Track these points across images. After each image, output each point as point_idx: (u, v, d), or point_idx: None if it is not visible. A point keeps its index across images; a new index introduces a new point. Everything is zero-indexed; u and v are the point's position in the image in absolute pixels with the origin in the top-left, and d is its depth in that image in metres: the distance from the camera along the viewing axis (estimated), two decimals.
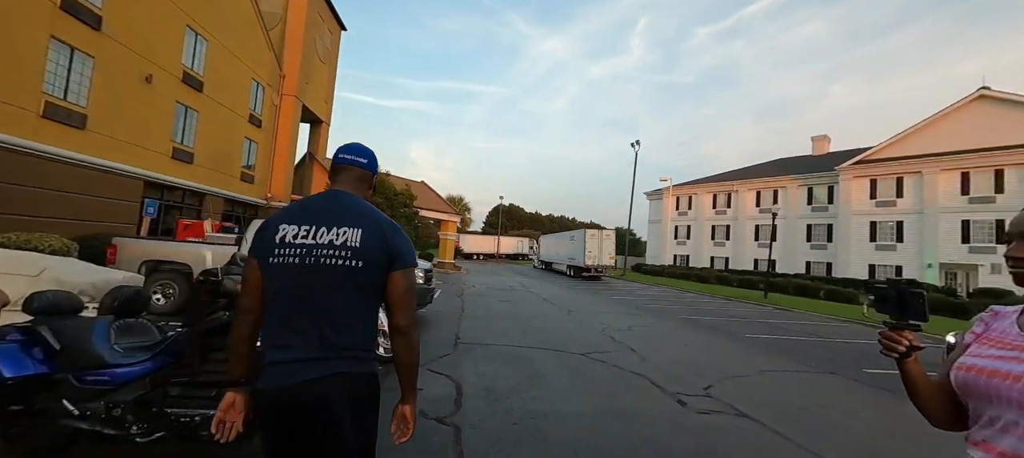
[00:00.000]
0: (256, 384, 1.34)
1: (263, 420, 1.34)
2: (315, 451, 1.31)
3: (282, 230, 1.36)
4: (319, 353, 1.31)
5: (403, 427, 1.41)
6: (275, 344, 1.33)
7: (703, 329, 10.13)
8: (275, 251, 1.34)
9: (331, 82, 29.00)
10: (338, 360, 1.32)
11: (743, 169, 45.49)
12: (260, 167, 20.91)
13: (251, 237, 6.98)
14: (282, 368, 1.30)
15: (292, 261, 1.33)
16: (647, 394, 4.85)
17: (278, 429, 1.33)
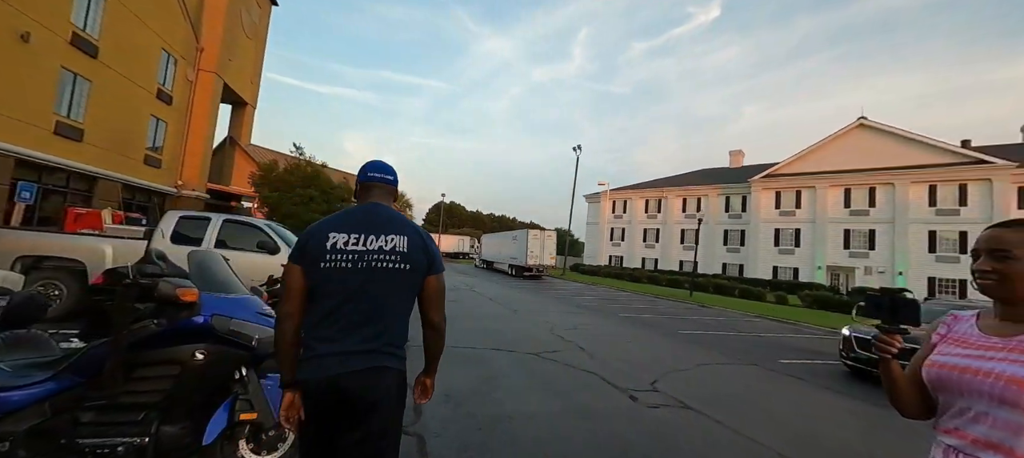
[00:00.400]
0: (302, 375, 1.46)
1: (308, 405, 1.48)
2: (353, 435, 1.46)
3: (332, 237, 1.52)
4: (369, 346, 1.48)
5: (425, 392, 1.73)
6: (326, 338, 1.47)
7: (641, 326, 10.74)
8: (326, 256, 1.50)
9: (258, 60, 26.39)
10: (383, 355, 1.50)
11: (672, 177, 49.27)
12: (170, 150, 18.37)
13: (168, 229, 6.06)
14: (334, 359, 1.45)
15: (345, 265, 1.49)
16: (601, 391, 5.00)
17: (324, 415, 1.47)
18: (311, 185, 19.20)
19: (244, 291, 2.56)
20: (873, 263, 31.18)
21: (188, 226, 6.68)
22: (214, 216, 6.85)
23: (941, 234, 29.26)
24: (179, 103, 18.60)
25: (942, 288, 28.63)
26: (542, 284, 23.22)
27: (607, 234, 49.41)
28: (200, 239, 6.57)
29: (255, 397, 2.36)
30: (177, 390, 2.14)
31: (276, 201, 18.61)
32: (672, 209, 43.89)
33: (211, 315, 2.20)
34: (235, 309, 2.33)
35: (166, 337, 2.12)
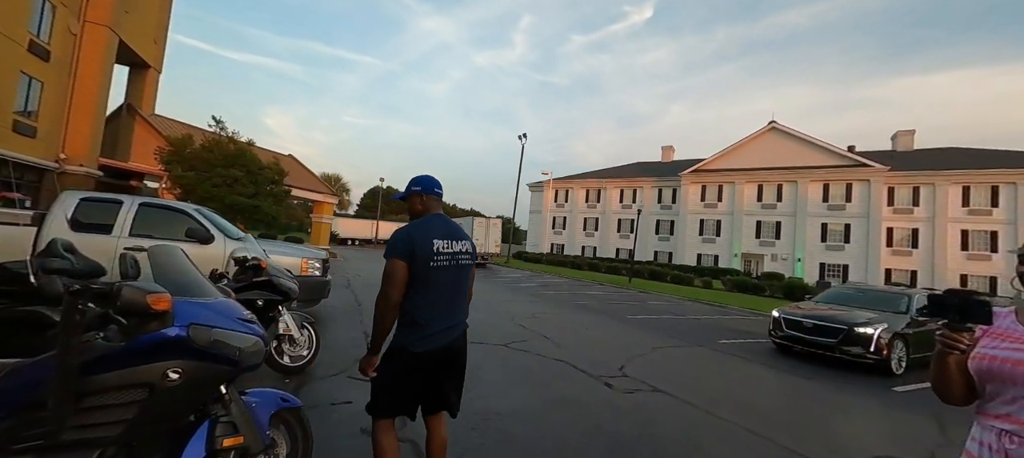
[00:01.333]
0: (424, 347, 2.11)
1: (419, 368, 2.15)
2: (454, 376, 2.38)
3: (435, 243, 2.12)
4: (460, 319, 2.31)
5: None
6: (439, 317, 2.15)
7: (593, 313, 11.15)
8: (434, 258, 2.10)
9: (162, 16, 22.78)
10: (464, 323, 2.38)
11: (610, 169, 51.68)
12: (48, 116, 15.22)
13: (68, 213, 5.03)
14: (447, 332, 2.20)
15: (446, 264, 2.15)
16: (576, 380, 5.07)
17: (436, 369, 2.21)
18: (235, 164, 17.06)
19: (217, 294, 2.14)
20: (778, 251, 35.56)
21: (92, 210, 5.57)
22: (128, 198, 5.78)
23: (830, 226, 34.10)
24: (60, 59, 15.40)
25: (829, 272, 33.50)
26: (489, 272, 23.20)
27: (549, 222, 50.70)
28: (109, 226, 5.52)
29: (239, 418, 1.99)
30: (142, 419, 1.71)
31: (192, 181, 16.30)
32: (610, 199, 46.12)
33: (188, 325, 1.79)
34: (215, 316, 1.92)
35: (127, 355, 1.69)
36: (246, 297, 4.06)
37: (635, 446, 3.39)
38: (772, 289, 21.80)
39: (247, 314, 2.17)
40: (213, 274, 4.39)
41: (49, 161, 15.30)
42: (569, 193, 49.57)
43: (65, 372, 1.49)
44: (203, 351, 1.83)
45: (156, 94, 22.84)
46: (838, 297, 8.70)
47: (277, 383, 4.09)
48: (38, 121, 14.80)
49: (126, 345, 1.69)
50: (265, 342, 2.18)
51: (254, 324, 2.15)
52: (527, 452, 3.13)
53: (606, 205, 46.31)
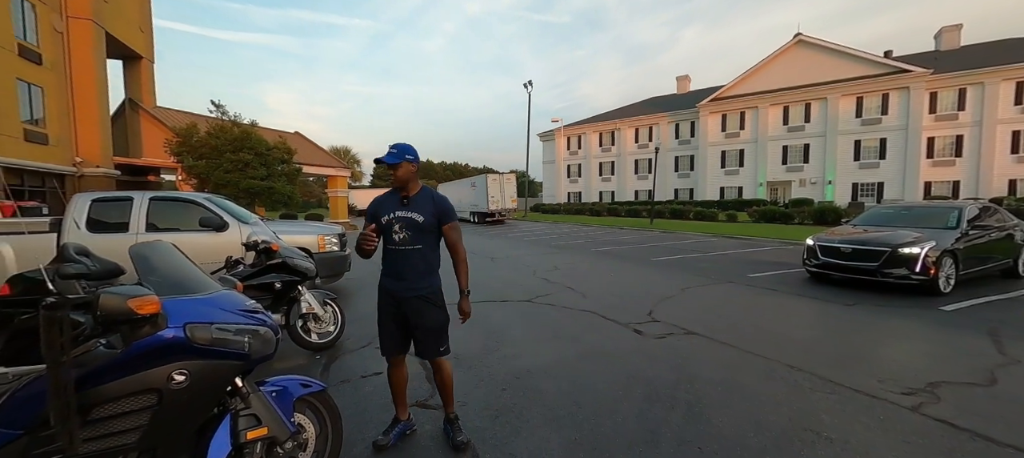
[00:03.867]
0: None
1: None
2: None
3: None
4: None
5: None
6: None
7: (616, 259, 10.96)
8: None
9: (144, 3, 22.08)
10: None
11: (624, 108, 49.52)
12: (55, 121, 15.34)
13: (82, 217, 5.00)
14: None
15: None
16: (605, 329, 4.96)
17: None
18: (242, 148, 17.02)
19: (216, 287, 2.00)
20: (807, 175, 34.01)
21: (106, 210, 5.58)
22: (137, 195, 5.75)
23: (864, 143, 32.14)
24: (53, 61, 15.26)
25: (863, 192, 32.00)
26: (507, 228, 23.15)
27: (564, 171, 49.76)
28: (125, 224, 5.53)
29: (260, 410, 1.92)
30: (159, 424, 1.65)
31: (205, 170, 16.44)
32: (625, 140, 44.59)
33: (184, 325, 1.66)
34: (213, 312, 1.80)
35: (128, 363, 1.58)
36: (263, 281, 4.02)
37: (673, 392, 3.27)
38: (801, 216, 21.00)
39: (250, 304, 2.04)
40: (229, 261, 4.36)
41: (66, 166, 15.60)
42: (582, 139, 48.12)
43: (58, 387, 1.39)
44: (206, 349, 1.72)
45: (154, 86, 22.66)
46: (878, 218, 8.19)
47: (308, 360, 4.12)
48: (47, 127, 14.95)
49: (122, 353, 1.58)
50: (276, 330, 2.07)
51: (260, 314, 2.02)
52: (561, 408, 3.06)
53: (621, 147, 44.87)
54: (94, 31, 17.05)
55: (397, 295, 2.50)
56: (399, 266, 2.47)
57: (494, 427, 2.81)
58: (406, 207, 2.46)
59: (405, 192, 2.49)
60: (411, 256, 2.46)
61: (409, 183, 2.48)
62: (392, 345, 2.58)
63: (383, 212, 2.48)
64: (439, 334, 2.56)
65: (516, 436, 2.71)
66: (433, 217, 2.47)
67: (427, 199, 2.50)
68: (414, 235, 2.44)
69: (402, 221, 2.44)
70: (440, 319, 2.56)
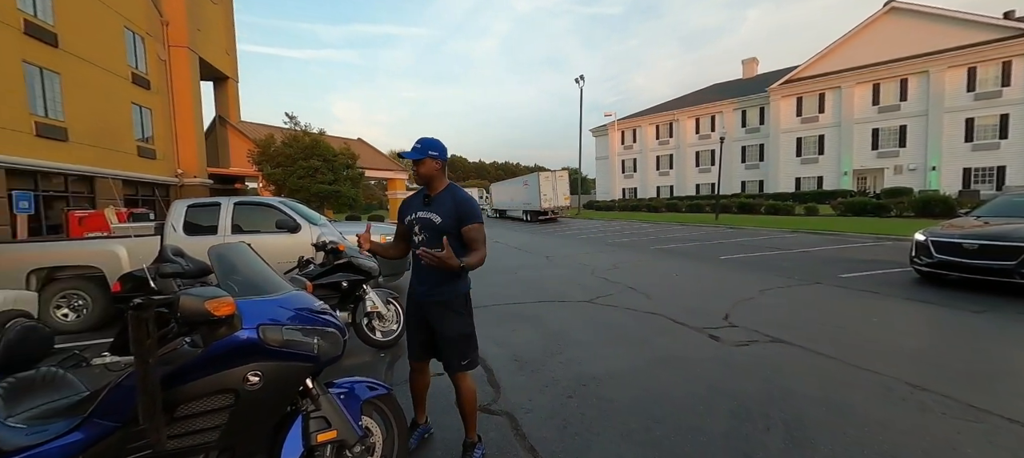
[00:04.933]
0: None
1: None
2: None
3: None
4: None
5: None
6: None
7: (680, 257, 10.26)
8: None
9: (229, 28, 24.57)
10: None
11: (681, 97, 46.85)
12: (161, 139, 17.53)
13: (178, 221, 5.47)
14: None
15: None
16: (677, 334, 4.57)
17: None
18: (313, 155, 18.38)
19: (287, 287, 2.01)
20: (903, 161, 29.83)
21: (198, 215, 6.15)
22: (223, 200, 6.29)
23: (979, 120, 27.51)
24: (158, 86, 17.45)
25: (977, 178, 27.42)
26: (561, 226, 22.78)
27: (618, 167, 48.14)
28: (214, 227, 6.06)
29: (330, 412, 1.89)
30: (236, 422, 1.66)
31: (281, 177, 17.96)
32: (685, 132, 42.13)
33: (257, 326, 1.66)
34: (284, 313, 1.79)
35: (208, 362, 1.61)
36: (331, 280, 4.15)
37: (766, 410, 2.87)
38: (899, 208, 18.39)
39: (319, 305, 2.02)
40: (301, 260, 4.58)
41: (170, 177, 17.78)
42: (637, 132, 46.21)
43: (146, 385, 1.43)
44: (278, 351, 1.70)
45: (239, 103, 25.15)
46: (1009, 207, 6.87)
47: (373, 357, 4.20)
48: (155, 144, 17.13)
49: (202, 353, 1.61)
50: (343, 332, 2.04)
51: (328, 315, 2.00)
52: (635, 422, 2.79)
53: (680, 139, 42.44)
54: (190, 58, 19.28)
55: (420, 300, 2.34)
56: (421, 270, 2.30)
57: (562, 439, 2.62)
58: (427, 207, 2.30)
59: (429, 191, 2.33)
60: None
61: (433, 181, 2.30)
62: (415, 351, 2.44)
63: (407, 212, 2.37)
64: (462, 345, 2.31)
65: (587, 451, 2.49)
66: (453, 219, 2.24)
67: (448, 199, 2.29)
68: (432, 237, 2.23)
69: (422, 222, 2.28)
70: (463, 329, 2.31)
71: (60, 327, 5.47)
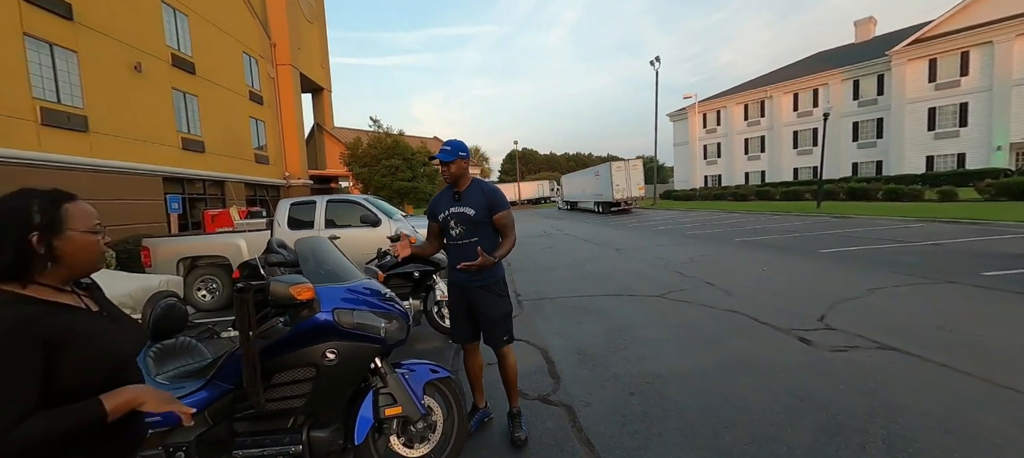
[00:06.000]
0: None
1: None
2: None
3: None
4: None
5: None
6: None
7: (770, 250, 9.25)
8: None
9: (323, 44, 27.35)
10: None
11: (776, 71, 41.78)
12: (272, 146, 20.26)
13: (283, 218, 6.28)
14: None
15: None
16: (758, 335, 4.16)
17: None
18: (394, 155, 19.88)
19: (360, 276, 2.25)
20: None
21: (299, 211, 7.03)
22: (318, 199, 7.11)
23: None
24: (269, 101, 20.15)
25: None
26: (634, 218, 21.84)
27: (699, 152, 44.62)
28: (311, 222, 6.88)
29: (396, 390, 2.09)
30: (318, 392, 1.92)
31: (367, 175, 19.71)
32: (780, 109, 37.56)
33: (332, 310, 1.89)
34: (355, 299, 2.01)
35: (295, 339, 1.88)
36: (403, 270, 4.49)
37: (864, 426, 2.51)
38: None
39: (388, 293, 2.22)
40: (379, 252, 5.01)
41: (279, 179, 20.49)
42: (721, 114, 42.30)
43: (248, 356, 1.71)
44: (350, 332, 1.92)
45: (332, 110, 28.02)
46: None
47: (443, 343, 4.46)
48: (268, 152, 19.85)
49: (290, 331, 1.87)
50: (407, 318, 2.23)
51: (394, 303, 2.19)
52: (702, 425, 2.62)
53: (774, 118, 37.92)
54: (293, 74, 21.94)
55: (462, 286, 2.57)
56: (460, 259, 2.50)
57: (621, 435, 2.56)
58: (458, 202, 2.53)
59: (458, 188, 2.55)
60: (469, 249, 2.47)
61: (462, 179, 2.54)
62: (462, 333, 2.66)
63: (439, 210, 2.58)
64: (503, 323, 2.57)
65: (645, 450, 2.41)
66: (484, 209, 2.49)
67: (477, 192, 2.54)
68: (469, 229, 2.49)
69: (456, 217, 2.51)
70: (503, 308, 2.57)
71: (201, 306, 6.67)
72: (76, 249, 1.03)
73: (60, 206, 1.03)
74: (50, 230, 1.00)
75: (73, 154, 10.24)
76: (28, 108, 9.40)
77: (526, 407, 2.90)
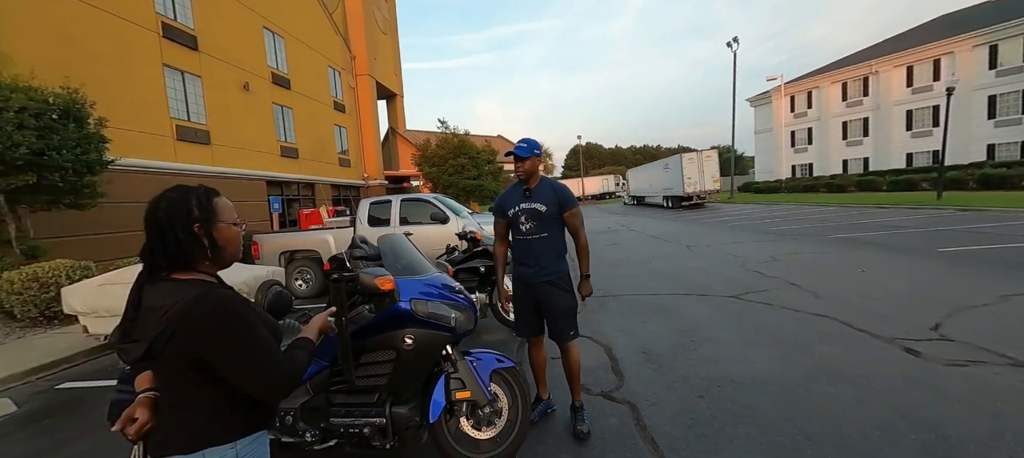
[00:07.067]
0: None
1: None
2: None
3: None
4: None
5: None
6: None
7: (873, 248, 8.17)
8: None
9: (396, 52, 29.15)
10: None
11: (884, 43, 36.27)
12: (353, 150, 22.16)
13: (364, 216, 6.92)
14: None
15: None
16: (853, 342, 3.75)
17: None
18: (460, 154, 20.69)
19: (433, 270, 2.46)
20: None
21: (377, 210, 7.68)
22: (393, 198, 7.70)
23: None
24: (350, 109, 22.05)
25: None
26: (708, 212, 20.45)
27: (785, 140, 40.28)
28: (388, 219, 7.48)
29: (465, 376, 2.26)
30: (397, 373, 2.15)
31: (436, 175, 20.75)
32: (889, 86, 32.56)
33: (410, 300, 2.11)
34: (429, 291, 2.22)
35: (378, 325, 2.12)
36: (471, 265, 4.73)
37: (985, 450, 2.18)
38: None
39: (457, 286, 2.40)
40: (448, 247, 5.32)
41: (359, 180, 22.37)
42: (813, 95, 37.73)
43: (342, 337, 1.97)
44: (425, 321, 2.12)
45: (404, 114, 29.81)
46: None
47: (508, 336, 4.63)
48: (350, 156, 21.76)
49: (374, 317, 2.12)
50: (475, 310, 2.39)
51: (463, 295, 2.37)
52: (780, 435, 2.46)
53: (881, 96, 32.96)
54: (370, 83, 23.75)
55: (529, 281, 2.62)
56: (528, 254, 2.59)
57: (687, 437, 2.50)
58: (529, 199, 2.58)
59: (528, 184, 2.61)
60: (537, 244, 2.55)
61: (534, 175, 2.61)
62: (528, 327, 2.72)
63: (509, 206, 2.65)
64: (568, 317, 2.60)
65: (714, 454, 2.33)
66: (555, 206, 2.55)
67: (548, 189, 2.60)
68: (539, 224, 2.55)
69: (527, 212, 2.57)
70: (569, 303, 2.60)
71: (297, 294, 7.58)
72: (225, 239, 1.13)
73: (212, 200, 1.13)
74: (208, 221, 1.10)
75: (200, 163, 12.15)
76: (167, 126, 11.33)
77: (588, 402, 2.93)
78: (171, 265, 1.06)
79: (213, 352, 1.01)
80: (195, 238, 1.07)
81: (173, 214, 1.06)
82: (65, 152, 6.24)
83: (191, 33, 12.18)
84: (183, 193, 1.10)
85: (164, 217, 1.06)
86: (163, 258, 1.06)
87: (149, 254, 1.07)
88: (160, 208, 1.07)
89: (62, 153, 6.19)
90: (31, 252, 6.79)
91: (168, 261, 1.06)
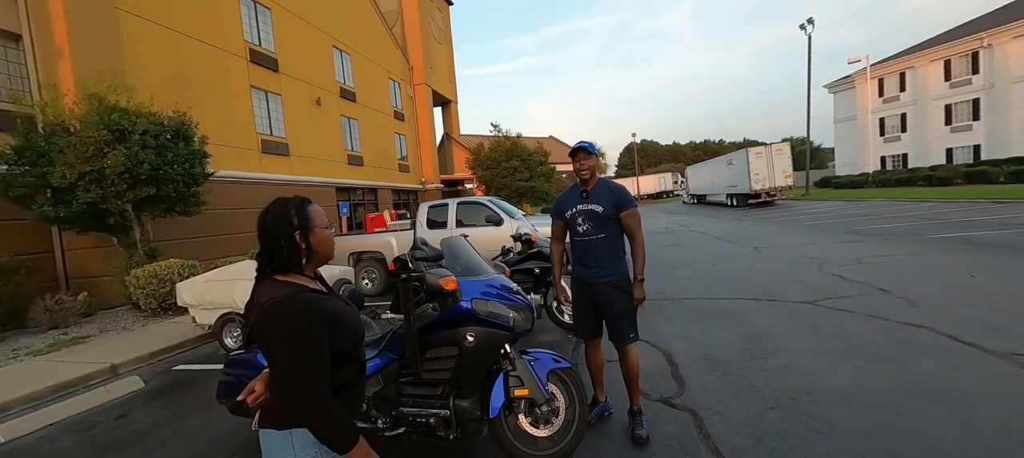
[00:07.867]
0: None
1: None
2: None
3: None
4: None
5: None
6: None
7: (984, 250, 7.10)
8: None
9: (450, 60, 30.15)
10: None
11: (997, 11, 31.17)
12: (411, 157, 23.32)
13: (423, 219, 7.28)
14: None
15: None
16: (956, 356, 3.32)
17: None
18: (512, 156, 20.93)
19: (491, 272, 2.57)
20: None
21: (435, 213, 8.05)
22: (450, 201, 8.03)
23: None
24: (408, 118, 23.23)
25: None
26: (778, 211, 18.87)
27: (873, 128, 36.00)
28: (445, 222, 7.81)
29: (523, 374, 2.34)
30: (460, 368, 2.28)
31: (489, 178, 21.18)
32: (1004, 62, 27.95)
33: (471, 299, 2.23)
34: (489, 291, 2.33)
35: (442, 322, 2.27)
36: (526, 267, 4.82)
37: None
38: None
39: (514, 286, 2.50)
40: (503, 249, 5.45)
41: (417, 185, 23.48)
42: (906, 77, 33.36)
43: (410, 333, 2.14)
44: (485, 319, 2.23)
45: (459, 120, 30.76)
46: None
47: (562, 337, 4.66)
48: (409, 161, 22.94)
49: (438, 315, 2.27)
50: (532, 310, 2.47)
51: (520, 295, 2.45)
52: (865, 453, 2.26)
53: (994, 74, 28.35)
54: (427, 91, 24.84)
55: (587, 282, 2.63)
56: (586, 255, 2.61)
57: (755, 450, 2.37)
58: (586, 200, 2.61)
59: (585, 186, 2.63)
60: (595, 245, 2.55)
61: (592, 176, 2.63)
62: (586, 329, 2.74)
63: (566, 207, 2.68)
64: (629, 319, 2.59)
65: None
66: (612, 206, 2.55)
67: (605, 190, 2.61)
68: (596, 225, 2.56)
69: (584, 214, 2.59)
70: (629, 305, 2.57)
71: (364, 292, 8.16)
72: (319, 242, 1.25)
73: (306, 208, 1.25)
74: (305, 228, 1.22)
75: (281, 173, 13.49)
76: (253, 141, 12.70)
77: (647, 407, 2.89)
78: (274, 267, 1.23)
79: (270, 344, 1.13)
80: (295, 244, 1.22)
81: (277, 224, 1.20)
82: (177, 167, 7.26)
83: (273, 56, 13.57)
84: (283, 205, 1.23)
85: (271, 227, 1.22)
86: (269, 262, 1.23)
87: (260, 258, 1.25)
88: (267, 220, 1.23)
89: (174, 167, 7.21)
90: (151, 253, 7.97)
91: (273, 264, 1.23)
